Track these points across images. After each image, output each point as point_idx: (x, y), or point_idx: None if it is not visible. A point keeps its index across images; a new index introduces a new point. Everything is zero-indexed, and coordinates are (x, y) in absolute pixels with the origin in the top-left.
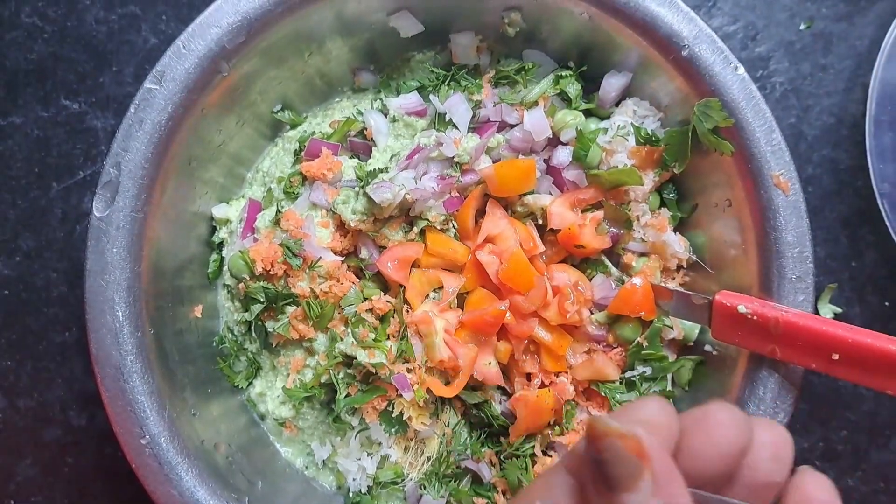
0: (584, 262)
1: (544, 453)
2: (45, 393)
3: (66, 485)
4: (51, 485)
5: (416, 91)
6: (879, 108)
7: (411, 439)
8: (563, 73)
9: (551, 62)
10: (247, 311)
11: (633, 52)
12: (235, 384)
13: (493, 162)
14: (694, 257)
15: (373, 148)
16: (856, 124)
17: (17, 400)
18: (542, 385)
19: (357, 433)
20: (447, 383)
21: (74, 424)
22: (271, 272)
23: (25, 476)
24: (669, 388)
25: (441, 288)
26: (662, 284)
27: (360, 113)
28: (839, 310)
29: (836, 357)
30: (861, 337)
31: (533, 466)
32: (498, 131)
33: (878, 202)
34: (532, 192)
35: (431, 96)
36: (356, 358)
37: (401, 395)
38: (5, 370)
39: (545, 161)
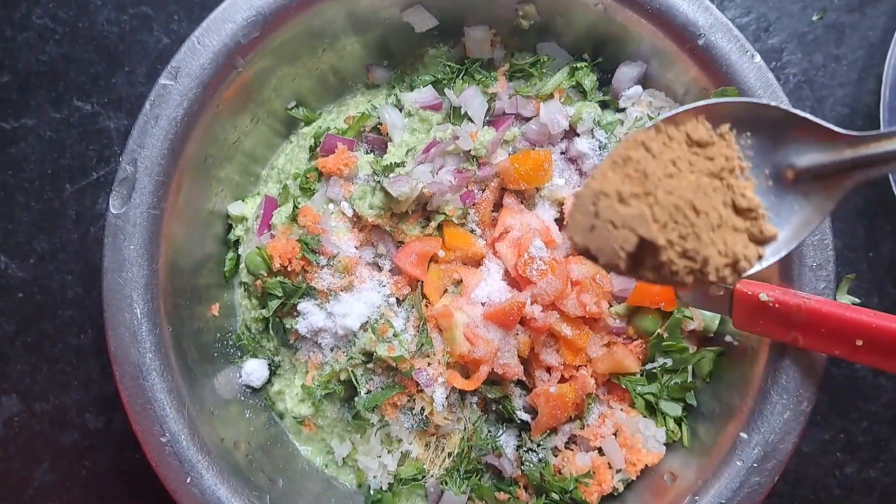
0: None
1: (566, 447)
2: (61, 396)
3: (83, 489)
4: (68, 490)
5: (430, 85)
6: (893, 96)
7: (432, 435)
8: (578, 65)
9: (566, 55)
10: (264, 308)
11: (648, 43)
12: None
13: (510, 155)
14: None
15: (388, 143)
16: (870, 114)
17: (34, 403)
18: (563, 379)
19: (377, 430)
20: (467, 377)
21: (91, 428)
22: (289, 268)
23: (42, 481)
24: (690, 379)
25: (460, 282)
26: None
27: (375, 108)
28: (857, 300)
29: (860, 343)
30: (886, 322)
31: (554, 460)
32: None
33: (894, 190)
34: (549, 184)
35: (446, 90)
36: (375, 352)
37: (421, 391)
38: (21, 373)
39: (562, 153)
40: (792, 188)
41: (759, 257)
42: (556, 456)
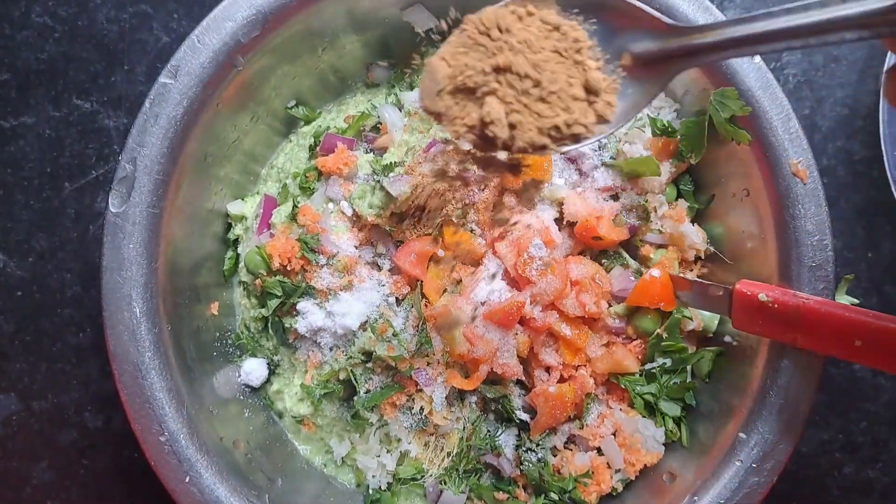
0: (602, 255)
1: (565, 447)
2: (60, 395)
3: (82, 488)
4: (67, 488)
5: None
6: None
7: (431, 435)
8: None
9: None
10: (263, 307)
11: None
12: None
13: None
14: (712, 248)
15: (388, 142)
16: (869, 115)
17: (32, 402)
18: (562, 378)
19: (376, 430)
20: (466, 377)
21: (90, 426)
22: (288, 267)
23: (41, 480)
24: (689, 379)
25: (459, 282)
26: (681, 275)
27: (375, 107)
28: (856, 301)
29: (858, 343)
30: (885, 322)
31: (553, 460)
32: None
33: (893, 189)
34: (549, 184)
35: None
36: (375, 352)
37: (421, 391)
38: (20, 372)
39: (562, 153)
40: (627, 72)
41: (597, 128)
42: (555, 456)
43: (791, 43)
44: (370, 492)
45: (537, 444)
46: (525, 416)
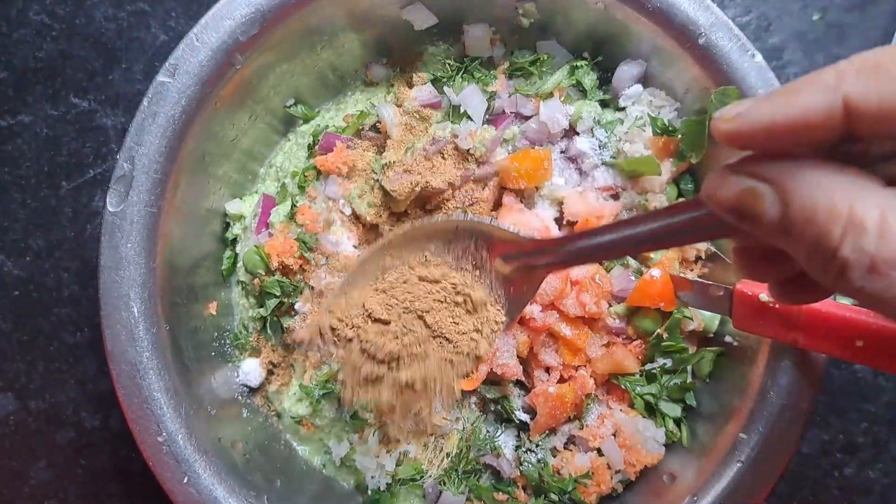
0: None
1: (565, 447)
2: (57, 394)
3: (79, 487)
4: (65, 488)
5: (430, 83)
6: None
7: (431, 435)
8: (578, 64)
9: (566, 53)
10: (261, 307)
11: (648, 42)
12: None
13: (509, 153)
14: (712, 248)
15: (387, 140)
16: None
17: (30, 402)
18: (562, 379)
19: (375, 430)
20: (466, 377)
21: (88, 426)
22: (287, 267)
23: (38, 479)
24: (690, 379)
25: None
26: (681, 275)
27: (374, 106)
28: (856, 302)
29: (860, 344)
30: (885, 323)
31: (553, 461)
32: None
33: None
34: (549, 183)
35: (446, 88)
36: None
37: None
38: (17, 371)
39: (562, 152)
40: (506, 281)
41: (489, 343)
42: (554, 456)
43: (644, 248)
44: (369, 492)
45: (537, 445)
46: (525, 417)
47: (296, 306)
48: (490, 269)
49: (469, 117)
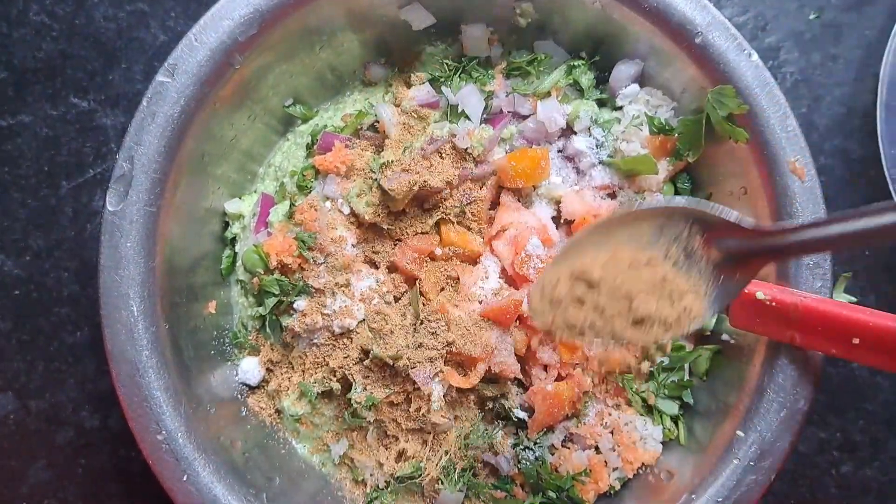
0: None
1: (563, 445)
2: (57, 394)
3: (79, 487)
4: (64, 487)
5: (428, 83)
6: (891, 94)
7: (429, 433)
8: (576, 63)
9: (563, 53)
10: (261, 305)
11: (645, 41)
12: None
13: (507, 153)
14: None
15: (385, 140)
16: (867, 114)
17: (29, 401)
18: (559, 377)
19: (374, 428)
20: (464, 375)
21: (87, 426)
22: (286, 266)
23: (38, 479)
24: (687, 377)
25: (457, 280)
26: None
27: (372, 106)
28: (854, 299)
29: (856, 342)
30: (883, 320)
31: (551, 458)
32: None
33: (890, 188)
34: (546, 182)
35: (444, 88)
36: (372, 350)
37: (418, 389)
38: (16, 371)
39: (559, 151)
40: (716, 268)
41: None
42: (552, 454)
43: (866, 243)
44: (368, 490)
45: (535, 443)
46: (523, 415)
47: (295, 305)
48: (700, 258)
49: (467, 117)
